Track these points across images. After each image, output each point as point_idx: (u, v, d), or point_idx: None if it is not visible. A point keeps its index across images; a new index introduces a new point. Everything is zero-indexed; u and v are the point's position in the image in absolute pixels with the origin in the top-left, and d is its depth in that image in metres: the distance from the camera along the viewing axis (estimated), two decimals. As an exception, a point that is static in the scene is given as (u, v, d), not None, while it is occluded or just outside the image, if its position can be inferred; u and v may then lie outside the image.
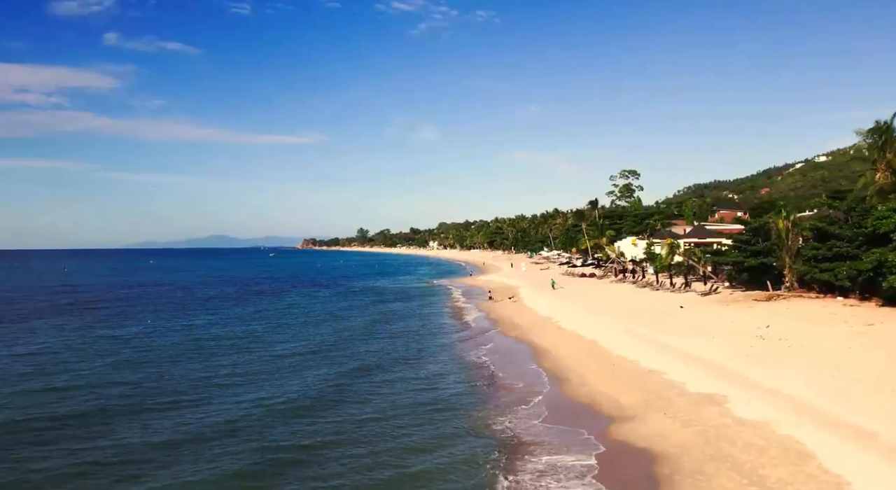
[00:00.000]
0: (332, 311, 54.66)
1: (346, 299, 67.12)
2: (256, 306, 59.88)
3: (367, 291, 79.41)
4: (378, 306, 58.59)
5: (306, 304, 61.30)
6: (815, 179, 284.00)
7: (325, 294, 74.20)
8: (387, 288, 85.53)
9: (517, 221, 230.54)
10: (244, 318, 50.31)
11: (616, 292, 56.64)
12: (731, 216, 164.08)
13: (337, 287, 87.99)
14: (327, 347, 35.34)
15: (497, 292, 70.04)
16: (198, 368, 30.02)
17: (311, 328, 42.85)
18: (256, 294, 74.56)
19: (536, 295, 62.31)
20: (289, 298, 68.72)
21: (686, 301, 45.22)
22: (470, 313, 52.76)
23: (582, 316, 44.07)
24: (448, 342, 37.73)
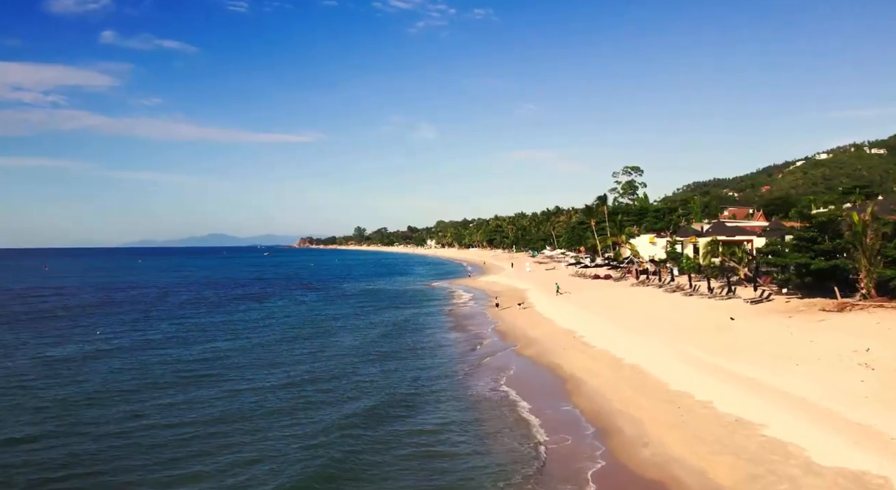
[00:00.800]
0: (315, 321, 46.97)
1: (335, 305, 59.45)
2: (230, 315, 52.16)
3: (359, 295, 71.76)
4: (369, 315, 50.90)
5: (288, 312, 53.60)
6: (815, 177, 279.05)
7: (313, 299, 66.54)
8: (381, 291, 77.86)
9: (517, 219, 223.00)
10: (210, 331, 42.60)
11: (643, 298, 49.03)
12: (743, 213, 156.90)
13: (327, 290, 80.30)
14: (297, 381, 27.08)
15: (503, 297, 62.36)
16: (113, 421, 22.01)
17: (284, 349, 34.92)
18: (236, 299, 66.85)
19: (548, 300, 54.74)
20: (270, 304, 61.02)
21: (734, 310, 37.63)
22: (475, 324, 45.12)
23: (611, 329, 36.46)
24: (453, 369, 29.86)
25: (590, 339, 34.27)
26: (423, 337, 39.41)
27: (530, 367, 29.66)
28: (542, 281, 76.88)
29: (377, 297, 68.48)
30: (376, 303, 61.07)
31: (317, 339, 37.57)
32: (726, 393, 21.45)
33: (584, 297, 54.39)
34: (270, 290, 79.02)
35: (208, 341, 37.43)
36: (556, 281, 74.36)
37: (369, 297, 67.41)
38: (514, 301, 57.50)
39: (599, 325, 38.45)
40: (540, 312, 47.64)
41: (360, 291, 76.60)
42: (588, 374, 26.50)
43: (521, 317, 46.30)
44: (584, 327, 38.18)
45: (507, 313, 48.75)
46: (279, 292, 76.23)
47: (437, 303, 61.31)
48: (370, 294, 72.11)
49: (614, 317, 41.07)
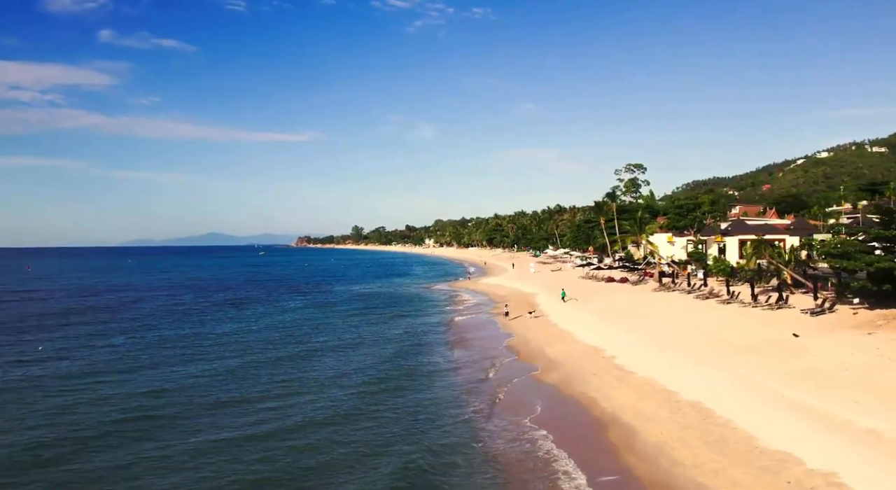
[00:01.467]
0: (296, 336, 40.36)
1: (322, 314, 52.91)
2: (200, 326, 45.61)
3: (350, 300, 65.24)
4: (360, 328, 44.34)
5: (268, 322, 47.01)
6: (816, 175, 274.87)
7: (299, 305, 59.97)
8: (376, 295, 71.34)
9: (517, 218, 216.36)
10: (169, 349, 36.07)
11: (673, 307, 42.60)
12: (753, 211, 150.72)
13: (317, 293, 73.76)
14: (258, 436, 20.37)
15: (511, 303, 55.95)
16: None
17: (249, 379, 27.94)
18: (214, 306, 60.29)
19: (562, 307, 48.33)
20: (251, 312, 54.46)
21: (793, 324, 31.21)
22: (483, 338, 38.63)
23: (646, 347, 30.04)
24: (463, 409, 23.09)
25: (624, 360, 27.84)
26: (422, 357, 32.81)
27: (558, 403, 23.17)
28: (550, 284, 70.37)
29: (371, 302, 61.95)
30: (369, 310, 54.52)
31: (292, 364, 30.89)
32: (848, 458, 15.03)
33: (602, 304, 47.90)
34: (255, 294, 72.45)
35: (160, 366, 30.79)
36: (563, 284, 67.87)
37: (362, 303, 60.89)
38: (523, 307, 51.09)
39: (630, 341, 32.03)
40: (555, 323, 41.17)
41: (352, 296, 70.07)
42: (637, 417, 20.06)
43: (535, 328, 39.82)
44: (613, 343, 31.78)
45: (518, 324, 42.26)
46: (265, 296, 69.66)
47: (438, 310, 54.81)
48: (364, 299, 65.58)
49: (645, 330, 34.62)
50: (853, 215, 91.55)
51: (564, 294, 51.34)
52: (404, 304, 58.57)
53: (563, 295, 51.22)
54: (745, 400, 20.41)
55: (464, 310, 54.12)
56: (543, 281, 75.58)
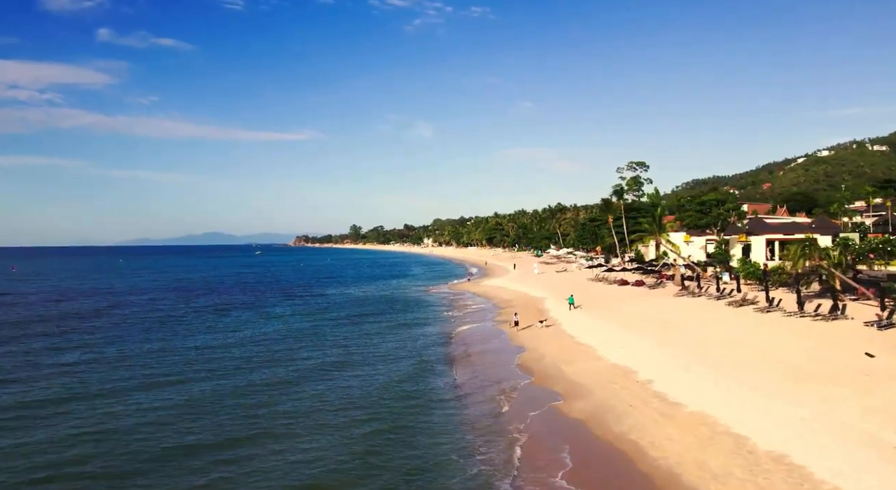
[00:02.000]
0: (273, 352, 35.14)
1: (309, 321, 47.92)
2: (170, 338, 40.56)
3: (343, 305, 60.18)
4: (350, 341, 39.22)
5: (245, 334, 41.84)
6: (818, 174, 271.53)
7: (286, 311, 54.88)
8: (371, 299, 66.31)
9: (517, 217, 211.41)
10: (125, 366, 31.07)
11: (705, 316, 37.57)
12: (763, 209, 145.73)
13: (308, 298, 68.70)
14: None
15: (517, 308, 50.97)
16: None
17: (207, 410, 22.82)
18: (194, 312, 55.25)
19: (575, 315, 43.32)
20: (231, 320, 49.43)
21: (860, 340, 26.24)
22: (490, 354, 33.63)
23: (687, 368, 25.02)
24: (466, 464, 17.63)
25: (664, 386, 22.86)
26: (421, 382, 27.64)
27: (592, 450, 18.13)
28: (558, 287, 65.39)
29: (365, 308, 56.90)
30: (362, 318, 49.44)
31: (264, 394, 25.60)
32: None
33: (620, 311, 42.85)
34: (242, 299, 67.34)
35: (107, 395, 25.62)
36: (572, 287, 62.90)
37: (355, 309, 55.82)
38: (532, 314, 46.14)
39: (665, 360, 27.04)
40: (571, 334, 36.14)
41: (345, 300, 65.00)
42: (703, 477, 15.08)
43: (549, 341, 34.80)
44: (644, 362, 26.82)
45: (528, 336, 37.24)
46: (252, 301, 64.56)
47: (438, 317, 49.80)
48: (357, 304, 60.50)
49: (679, 344, 29.63)
50: (878, 213, 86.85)
51: (572, 300, 46.25)
52: (401, 311, 53.53)
53: (571, 301, 46.12)
54: (841, 450, 15.44)
55: (466, 317, 49.10)
56: (550, 283, 70.58)
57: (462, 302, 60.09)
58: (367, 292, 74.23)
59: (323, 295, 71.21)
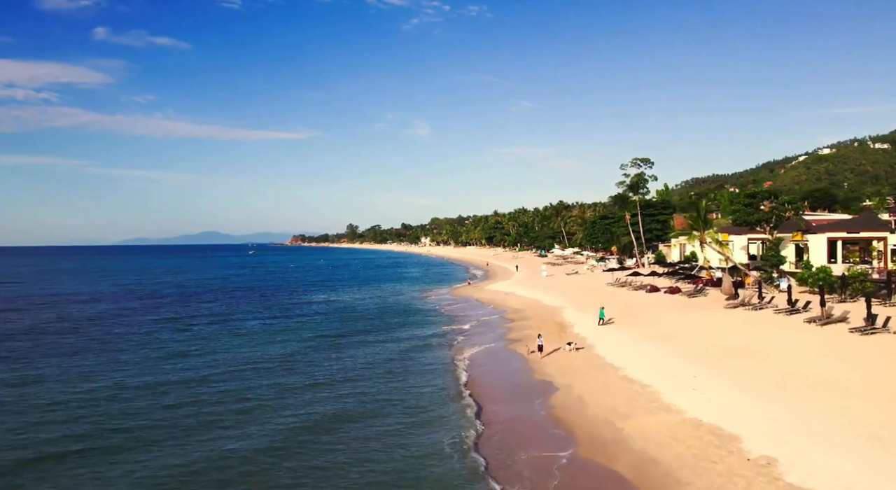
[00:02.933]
0: (217, 395, 26.17)
1: (279, 341, 39.21)
2: (98, 366, 31.84)
3: (327, 316, 51.42)
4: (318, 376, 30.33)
5: (196, 362, 32.85)
6: (819, 172, 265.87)
7: (257, 325, 46.08)
8: (359, 307, 57.55)
9: (518, 215, 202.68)
10: (15, 415, 22.24)
11: (802, 344, 28.70)
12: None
13: (289, 306, 59.90)
14: None
15: (533, 321, 42.33)
16: None
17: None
18: (151, 324, 46.54)
19: (609, 333, 34.67)
20: (187, 337, 40.69)
21: None
22: (506, 394, 24.89)
23: (842, 442, 16.28)
24: None
25: (804, 475, 14.17)
26: (417, 454, 18.85)
27: None
28: (573, 293, 56.71)
29: (350, 320, 48.08)
30: (344, 336, 40.64)
31: (178, 480, 16.95)
32: None
33: (668, 329, 34.04)
34: (213, 308, 58.47)
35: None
36: (589, 292, 54.35)
37: (340, 324, 47.00)
38: (550, 328, 37.68)
39: (776, 416, 18.35)
40: (612, 364, 27.47)
41: (331, 310, 56.14)
42: None
43: (585, 374, 26.11)
44: (740, 418, 18.33)
45: (555, 364, 28.55)
46: (223, 311, 55.70)
47: (437, 333, 41.04)
48: (344, 317, 51.67)
49: (785, 390, 20.88)
50: None
51: (603, 314, 37.61)
52: (393, 327, 44.67)
53: (602, 315, 37.50)
54: None
55: (472, 333, 40.33)
56: (563, 288, 61.92)
57: (465, 312, 51.34)
58: (357, 299, 65.43)
59: (307, 303, 62.35)
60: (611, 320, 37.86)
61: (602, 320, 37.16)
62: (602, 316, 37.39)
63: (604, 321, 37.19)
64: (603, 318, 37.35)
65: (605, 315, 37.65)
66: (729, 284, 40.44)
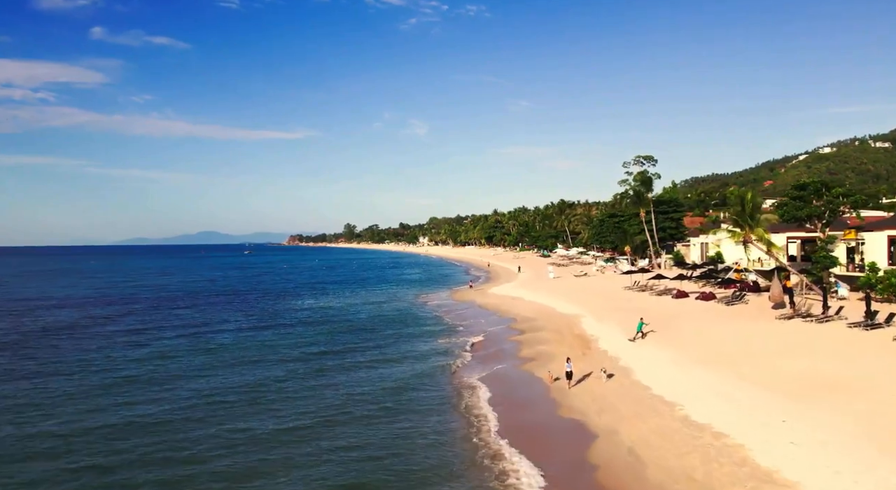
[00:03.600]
0: (155, 441, 20.22)
1: (252, 360, 33.12)
2: (22, 397, 25.51)
3: (312, 327, 45.25)
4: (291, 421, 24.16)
5: (134, 392, 26.69)
6: (820, 171, 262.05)
7: (228, 341, 39.77)
8: (349, 314, 51.40)
9: (519, 214, 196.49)
10: None
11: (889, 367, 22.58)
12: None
13: (271, 315, 53.70)
14: None
15: (547, 331, 36.24)
16: None
17: None
18: (111, 337, 40.38)
19: (646, 350, 28.53)
20: (147, 354, 34.59)
21: None
22: (529, 443, 18.65)
23: None
24: None
25: None
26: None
27: None
28: (587, 297, 50.62)
29: (337, 333, 41.82)
30: (326, 357, 34.29)
31: None
32: None
33: (720, 347, 27.87)
34: (188, 315, 52.24)
35: None
36: (604, 298, 48.20)
37: (323, 336, 40.84)
38: (569, 342, 31.81)
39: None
40: (660, 395, 21.44)
41: (317, 319, 49.91)
42: None
43: (631, 413, 20.01)
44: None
45: (586, 397, 22.40)
46: (196, 321, 49.48)
47: (435, 348, 34.86)
48: (329, 326, 45.53)
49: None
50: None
51: (642, 328, 31.53)
52: (388, 340, 38.45)
53: (640, 328, 31.43)
54: None
55: (478, 348, 34.15)
56: (574, 292, 55.78)
57: (468, 320, 45.17)
58: (349, 305, 59.20)
59: (293, 309, 56.10)
60: (643, 334, 31.72)
61: (640, 334, 31.04)
62: (640, 329, 31.27)
63: (640, 335, 31.08)
64: (641, 331, 31.24)
65: (641, 328, 31.55)
66: (779, 290, 34.29)
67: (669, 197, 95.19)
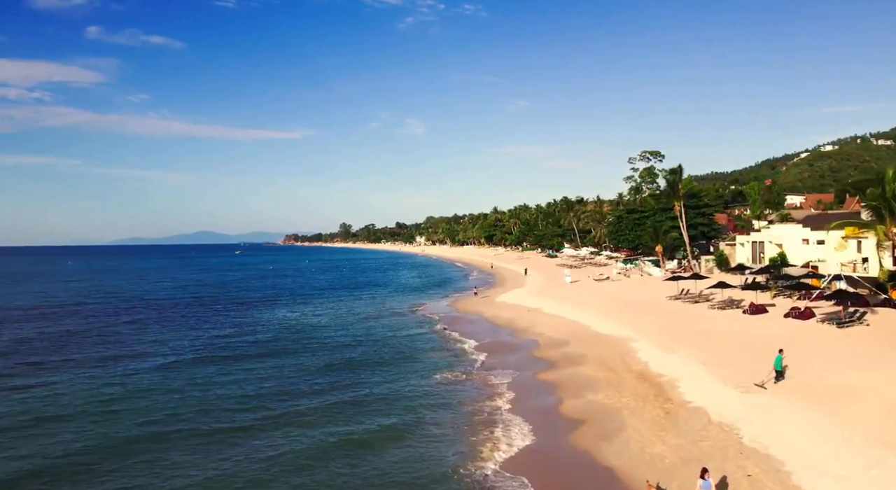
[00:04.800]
0: None
1: (174, 417, 22.00)
2: None
3: (273, 354, 34.02)
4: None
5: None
6: (822, 169, 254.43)
7: (149, 378, 28.47)
8: (325, 336, 40.10)
9: (519, 212, 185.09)
10: None
11: None
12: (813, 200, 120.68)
13: (229, 332, 42.39)
14: None
15: (591, 364, 25.07)
16: None
17: None
18: (29, 368, 28.84)
19: (788, 413, 17.31)
20: (34, 407, 23.03)
21: None
22: None
23: None
24: None
25: None
26: None
27: None
28: (629, 311, 39.48)
29: (302, 372, 30.35)
30: (275, 420, 22.76)
31: None
32: None
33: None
34: (118, 334, 40.92)
35: None
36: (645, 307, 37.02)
37: (289, 371, 29.67)
38: (634, 391, 20.70)
39: None
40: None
41: (277, 345, 38.60)
42: None
43: None
44: None
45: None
46: (129, 338, 38.25)
47: (441, 403, 23.54)
48: (295, 354, 34.33)
49: None
50: None
51: (780, 363, 20.51)
52: (368, 385, 27.02)
53: (779, 364, 20.41)
54: None
55: (501, 406, 22.71)
56: (606, 302, 44.60)
57: (479, 344, 33.89)
58: (330, 319, 47.90)
59: (259, 326, 44.74)
60: (777, 376, 20.55)
61: (780, 375, 19.94)
62: (779, 367, 20.17)
63: (778, 377, 20.00)
64: (779, 369, 20.15)
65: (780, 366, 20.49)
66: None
67: (690, 190, 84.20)
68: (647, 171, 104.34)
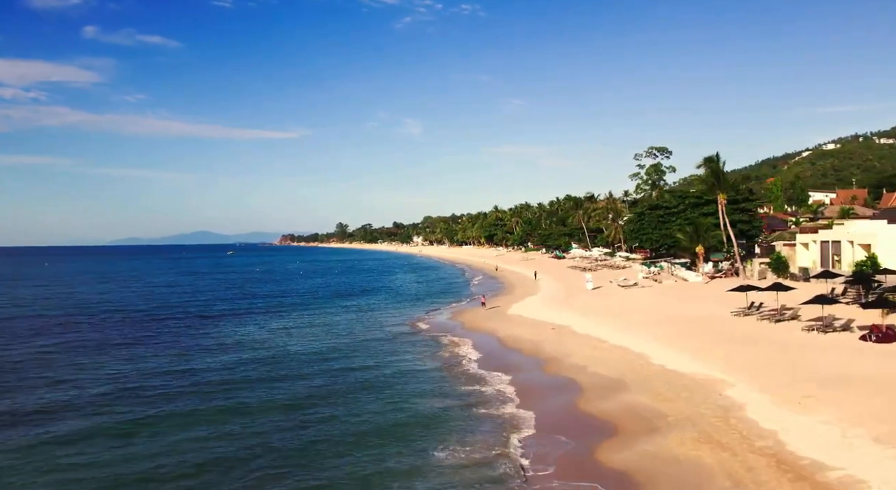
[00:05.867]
0: None
1: None
2: None
3: (224, 392, 23.97)
4: None
5: None
6: (825, 168, 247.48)
7: (85, 427, 18.52)
8: (293, 369, 30.13)
9: (522, 211, 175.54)
10: None
11: None
12: (846, 196, 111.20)
13: (180, 359, 32.48)
14: None
15: (679, 430, 15.07)
16: None
17: None
18: None
19: None
20: None
21: None
22: None
23: None
24: None
25: None
26: None
27: None
28: (695, 335, 29.69)
29: (251, 437, 20.46)
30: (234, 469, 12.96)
31: None
32: None
33: None
34: (41, 365, 30.84)
35: None
36: (719, 333, 27.09)
37: (235, 428, 19.84)
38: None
39: None
40: None
41: (243, 373, 28.81)
42: None
43: None
44: None
45: None
46: (67, 363, 28.25)
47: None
48: (246, 399, 24.45)
49: None
50: None
51: None
52: (342, 445, 17.22)
53: None
54: None
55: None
56: (655, 316, 34.88)
57: (498, 388, 23.96)
58: (306, 341, 37.97)
59: (218, 348, 34.81)
60: None
61: None
62: None
63: None
64: None
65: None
66: None
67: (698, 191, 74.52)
68: (654, 168, 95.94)
